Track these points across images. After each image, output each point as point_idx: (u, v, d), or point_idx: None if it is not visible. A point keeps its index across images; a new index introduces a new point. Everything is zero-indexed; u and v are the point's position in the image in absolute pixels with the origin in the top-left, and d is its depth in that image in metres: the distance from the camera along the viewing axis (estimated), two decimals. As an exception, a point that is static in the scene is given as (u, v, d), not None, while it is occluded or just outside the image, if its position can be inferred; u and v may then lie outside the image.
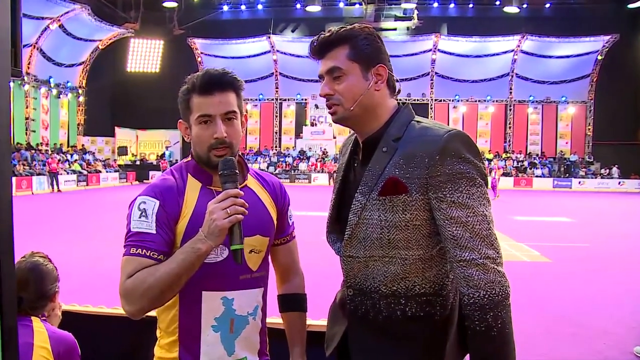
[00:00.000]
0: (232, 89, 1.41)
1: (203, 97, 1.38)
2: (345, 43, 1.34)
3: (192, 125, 1.42)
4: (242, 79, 1.45)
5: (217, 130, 1.37)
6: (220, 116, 1.38)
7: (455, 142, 1.27)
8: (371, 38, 1.36)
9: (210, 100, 1.38)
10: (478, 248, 1.23)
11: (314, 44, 1.38)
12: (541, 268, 7.96)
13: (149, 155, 33.92)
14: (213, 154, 1.39)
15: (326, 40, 1.36)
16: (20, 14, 0.81)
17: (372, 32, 1.38)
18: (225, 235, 1.27)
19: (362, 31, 1.35)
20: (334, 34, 1.35)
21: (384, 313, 1.35)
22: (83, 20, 27.50)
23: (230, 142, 1.39)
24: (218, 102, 1.38)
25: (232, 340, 1.42)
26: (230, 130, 1.39)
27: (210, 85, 1.38)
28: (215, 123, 1.38)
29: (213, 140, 1.38)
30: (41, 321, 1.65)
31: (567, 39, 30.40)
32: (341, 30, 1.36)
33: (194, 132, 1.41)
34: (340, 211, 1.44)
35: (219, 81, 1.39)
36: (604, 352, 4.37)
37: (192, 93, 1.40)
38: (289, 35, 33.01)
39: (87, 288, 5.92)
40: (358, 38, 1.34)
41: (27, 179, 22.03)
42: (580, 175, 30.43)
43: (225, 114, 1.39)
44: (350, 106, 1.35)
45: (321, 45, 1.37)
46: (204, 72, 1.41)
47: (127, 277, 1.29)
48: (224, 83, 1.40)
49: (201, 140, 1.40)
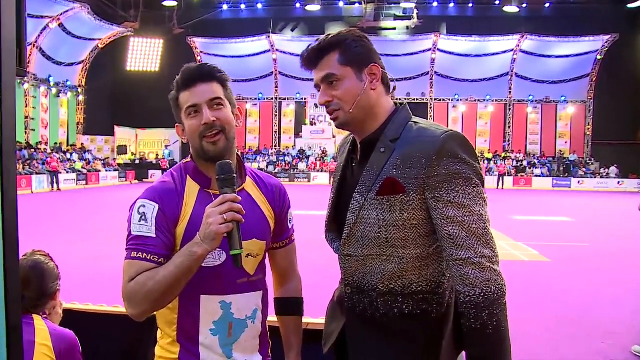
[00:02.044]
0: (214, 79, 1.44)
1: (187, 91, 1.42)
2: (334, 49, 1.36)
3: (184, 121, 1.44)
4: (224, 71, 1.47)
5: (204, 116, 1.39)
6: (206, 104, 1.41)
7: (451, 143, 1.28)
8: (359, 40, 1.37)
9: (194, 91, 1.41)
10: (474, 247, 1.24)
11: (305, 56, 1.39)
12: (540, 267, 7.97)
13: (149, 154, 33.89)
14: (205, 141, 1.40)
15: (316, 50, 1.38)
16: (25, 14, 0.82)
17: (359, 34, 1.39)
18: (221, 240, 1.28)
19: (349, 35, 1.37)
20: (322, 42, 1.37)
21: (382, 311, 1.36)
22: (83, 19, 27.46)
23: (221, 125, 1.41)
24: (201, 91, 1.41)
25: (231, 344, 1.43)
26: (218, 114, 1.41)
27: (190, 78, 1.42)
28: (201, 111, 1.40)
29: (202, 127, 1.40)
30: (42, 319, 1.66)
31: (567, 38, 30.40)
32: (329, 37, 1.38)
33: (186, 126, 1.44)
34: (339, 211, 1.45)
35: (199, 73, 1.43)
36: (603, 351, 4.37)
37: (178, 92, 1.44)
38: (288, 34, 32.98)
39: (88, 286, 5.93)
40: (346, 42, 1.36)
41: (26, 178, 22.02)
42: (580, 175, 30.43)
43: (211, 102, 1.41)
44: (349, 109, 1.36)
45: (311, 55, 1.38)
46: (184, 68, 1.45)
47: (129, 280, 1.31)
48: (204, 73, 1.43)
49: (192, 131, 1.42)
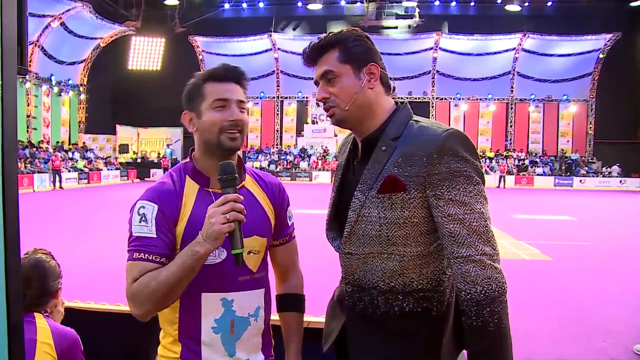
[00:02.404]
0: (242, 84, 1.49)
1: (220, 84, 1.44)
2: (334, 47, 1.38)
3: (204, 111, 1.44)
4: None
5: (234, 113, 1.43)
6: (235, 103, 1.44)
7: (453, 141, 1.29)
8: (360, 39, 1.39)
9: (227, 86, 1.45)
10: (475, 245, 1.24)
11: (306, 52, 1.42)
12: (542, 266, 7.97)
13: (150, 153, 33.92)
14: (225, 136, 1.42)
15: (317, 47, 1.40)
16: (26, 13, 0.82)
17: (360, 33, 1.41)
18: (223, 239, 1.29)
19: (350, 34, 1.39)
20: (323, 39, 1.40)
21: (382, 309, 1.37)
22: (84, 18, 27.47)
23: (242, 127, 1.44)
24: (233, 89, 1.45)
25: (234, 342, 1.43)
26: (242, 117, 1.45)
27: (227, 74, 1.46)
28: (230, 108, 1.43)
29: (227, 122, 1.42)
30: (44, 317, 1.67)
31: (569, 37, 30.33)
32: (330, 35, 1.40)
33: (207, 117, 1.43)
34: (340, 209, 1.46)
35: (235, 72, 1.47)
36: (604, 350, 4.37)
37: (207, 81, 1.45)
38: (290, 33, 32.95)
39: (90, 285, 5.95)
40: (347, 40, 1.38)
41: (28, 177, 22.07)
42: (582, 174, 30.38)
43: (239, 103, 1.45)
44: (345, 106, 1.37)
45: (312, 52, 1.41)
46: (221, 64, 1.49)
47: (132, 281, 1.33)
48: (238, 75, 1.48)
49: (214, 124, 1.42)
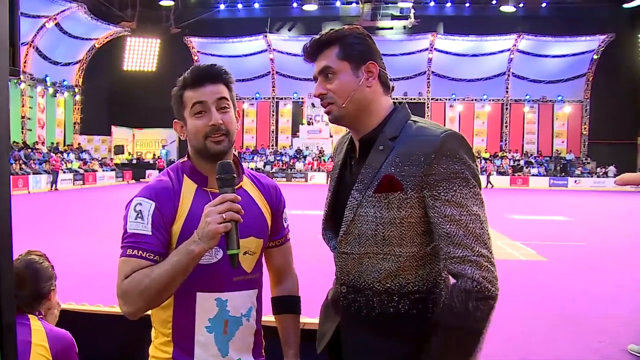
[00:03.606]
0: (222, 81, 1.46)
1: (195, 90, 1.43)
2: (334, 43, 1.38)
3: (187, 119, 1.45)
4: (231, 74, 1.49)
5: (212, 116, 1.41)
6: (214, 105, 1.42)
7: (451, 142, 1.28)
8: (360, 37, 1.39)
9: (203, 90, 1.43)
10: (471, 246, 1.23)
11: (307, 48, 1.42)
12: (537, 267, 7.99)
13: (146, 154, 33.83)
14: (210, 140, 1.41)
15: (317, 43, 1.40)
16: (19, 13, 0.81)
17: (361, 31, 1.41)
18: (219, 239, 1.28)
19: (351, 31, 1.39)
20: (323, 36, 1.40)
21: (377, 310, 1.36)
22: (79, 18, 27.39)
23: (226, 129, 1.43)
24: (210, 91, 1.43)
25: (226, 341, 1.43)
26: (225, 118, 1.43)
27: (200, 78, 1.44)
28: (209, 111, 1.42)
29: (208, 128, 1.41)
30: (39, 319, 1.66)
31: (563, 38, 30.48)
32: (331, 31, 1.40)
33: (189, 124, 1.44)
34: (336, 209, 1.45)
35: (209, 73, 1.45)
36: (599, 350, 4.38)
37: (184, 89, 1.45)
38: (285, 34, 32.97)
39: (84, 287, 5.92)
40: (347, 38, 1.38)
41: (23, 178, 21.95)
42: (577, 174, 30.52)
43: (219, 102, 1.43)
44: (342, 103, 1.37)
45: (312, 47, 1.41)
46: (193, 67, 1.47)
47: (123, 278, 1.31)
48: (214, 74, 1.45)
49: (197, 130, 1.42)
